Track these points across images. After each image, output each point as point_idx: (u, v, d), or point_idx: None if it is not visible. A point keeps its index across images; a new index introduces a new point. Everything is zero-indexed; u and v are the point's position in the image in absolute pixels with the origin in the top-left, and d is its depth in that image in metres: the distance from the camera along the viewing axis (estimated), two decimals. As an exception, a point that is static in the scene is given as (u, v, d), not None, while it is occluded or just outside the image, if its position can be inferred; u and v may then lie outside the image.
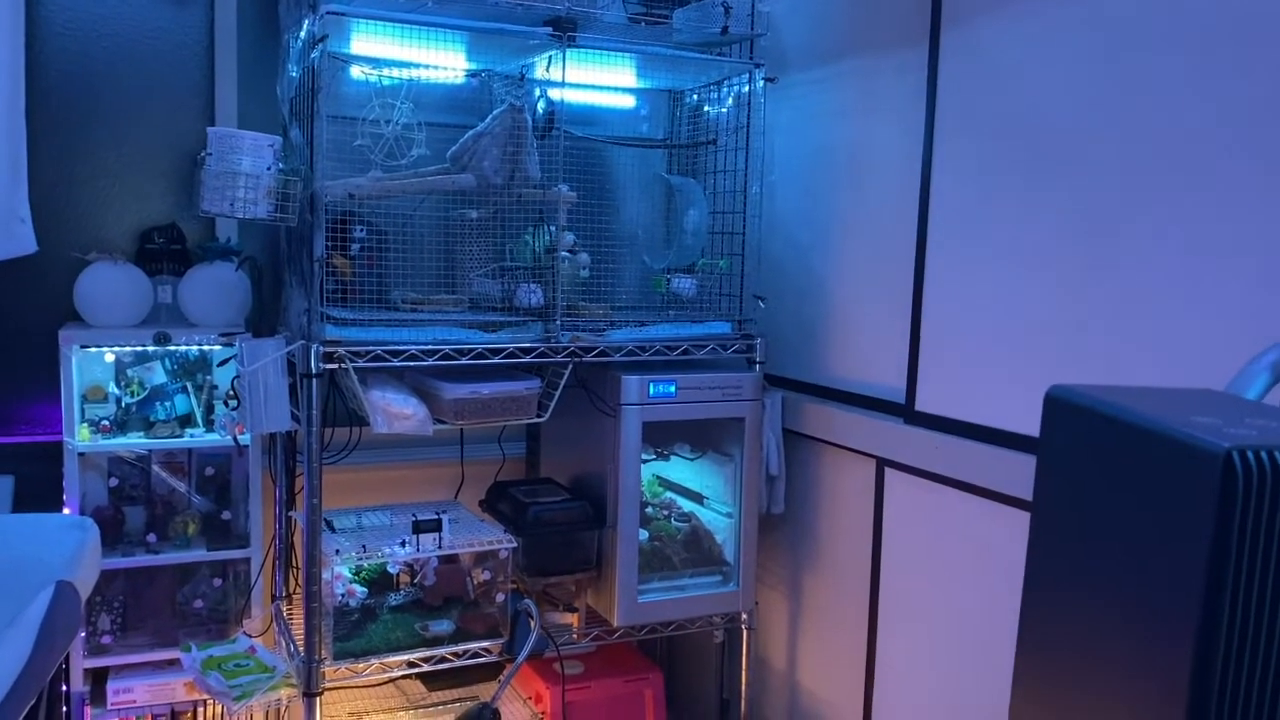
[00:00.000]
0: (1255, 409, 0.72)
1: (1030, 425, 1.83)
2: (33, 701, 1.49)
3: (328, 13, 1.95)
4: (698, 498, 2.52)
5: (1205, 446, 0.60)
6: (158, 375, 2.49)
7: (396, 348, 2.03)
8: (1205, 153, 1.52)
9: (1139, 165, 1.62)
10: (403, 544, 2.13)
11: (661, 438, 2.49)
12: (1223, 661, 0.59)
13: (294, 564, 2.57)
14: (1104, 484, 0.69)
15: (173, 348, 2.43)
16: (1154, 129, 1.60)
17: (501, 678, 2.42)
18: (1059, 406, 0.75)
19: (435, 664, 2.17)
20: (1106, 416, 0.69)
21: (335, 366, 2.00)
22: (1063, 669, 0.73)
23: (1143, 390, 0.76)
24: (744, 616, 2.42)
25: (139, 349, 2.44)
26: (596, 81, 2.54)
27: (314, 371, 1.98)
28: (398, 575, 2.19)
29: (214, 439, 2.45)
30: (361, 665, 2.10)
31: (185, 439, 2.44)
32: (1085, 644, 0.70)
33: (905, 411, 2.13)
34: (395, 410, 2.08)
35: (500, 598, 2.23)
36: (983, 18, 1.93)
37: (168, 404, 2.48)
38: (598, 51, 2.21)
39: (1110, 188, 1.67)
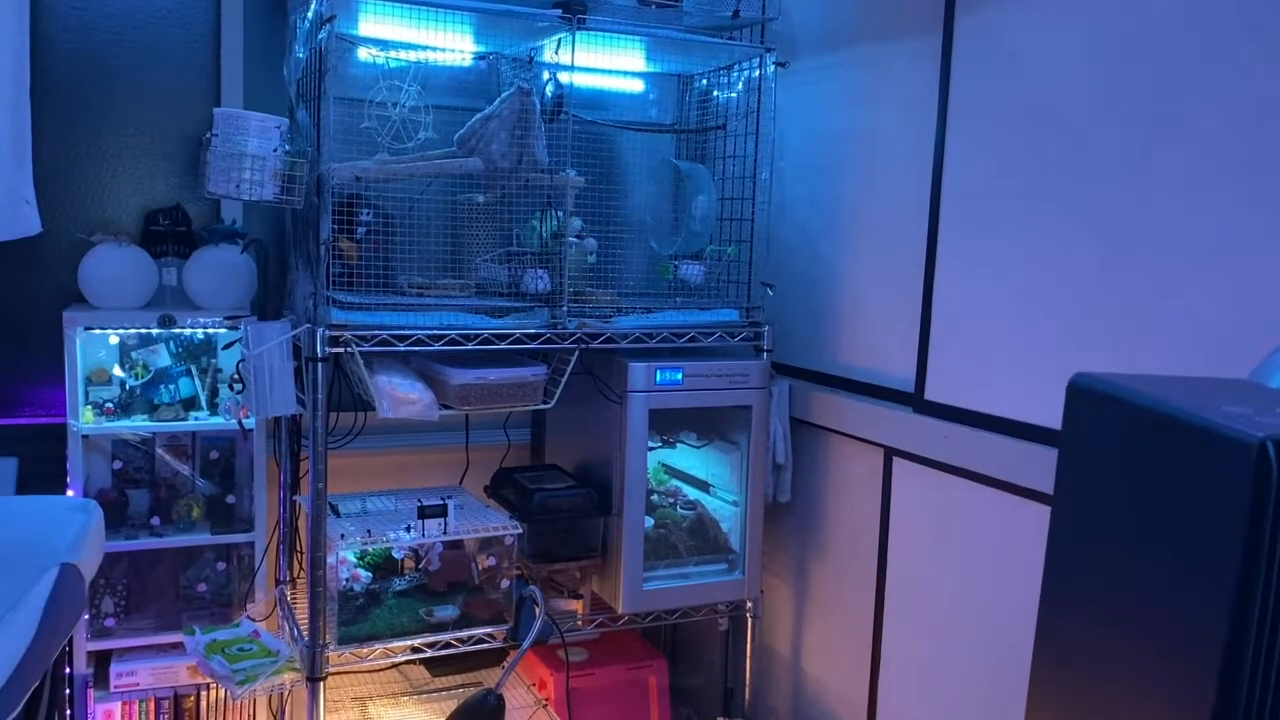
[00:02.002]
0: (1284, 399, 0.70)
1: (1041, 415, 1.81)
2: (36, 684, 1.48)
3: (335, -7, 1.93)
4: (704, 486, 2.51)
5: (1238, 436, 0.59)
6: (162, 358, 2.48)
7: (402, 332, 2.02)
8: (1222, 141, 1.50)
9: (1154, 153, 1.60)
10: (408, 529, 2.12)
11: (668, 425, 2.47)
12: (1254, 656, 0.58)
13: (298, 548, 2.56)
14: (1129, 474, 0.68)
15: (177, 330, 2.41)
16: (1170, 118, 1.58)
17: (506, 664, 2.42)
18: (1083, 395, 0.73)
19: (439, 650, 2.16)
20: (1133, 405, 0.68)
21: (341, 351, 1.99)
22: (1085, 663, 0.72)
23: (1168, 379, 0.74)
24: (749, 604, 2.41)
25: (143, 331, 2.43)
26: (605, 65, 2.52)
27: (319, 355, 1.97)
28: (402, 560, 2.18)
29: (218, 422, 2.44)
30: (365, 650, 2.10)
31: (189, 422, 2.43)
32: (1109, 637, 0.69)
33: (914, 400, 2.11)
34: (401, 395, 2.07)
35: (505, 584, 2.23)
36: (997, 4, 1.90)
37: (172, 387, 2.47)
38: (607, 34, 2.19)
39: (1125, 176, 1.65)
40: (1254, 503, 0.57)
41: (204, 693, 2.44)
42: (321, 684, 2.06)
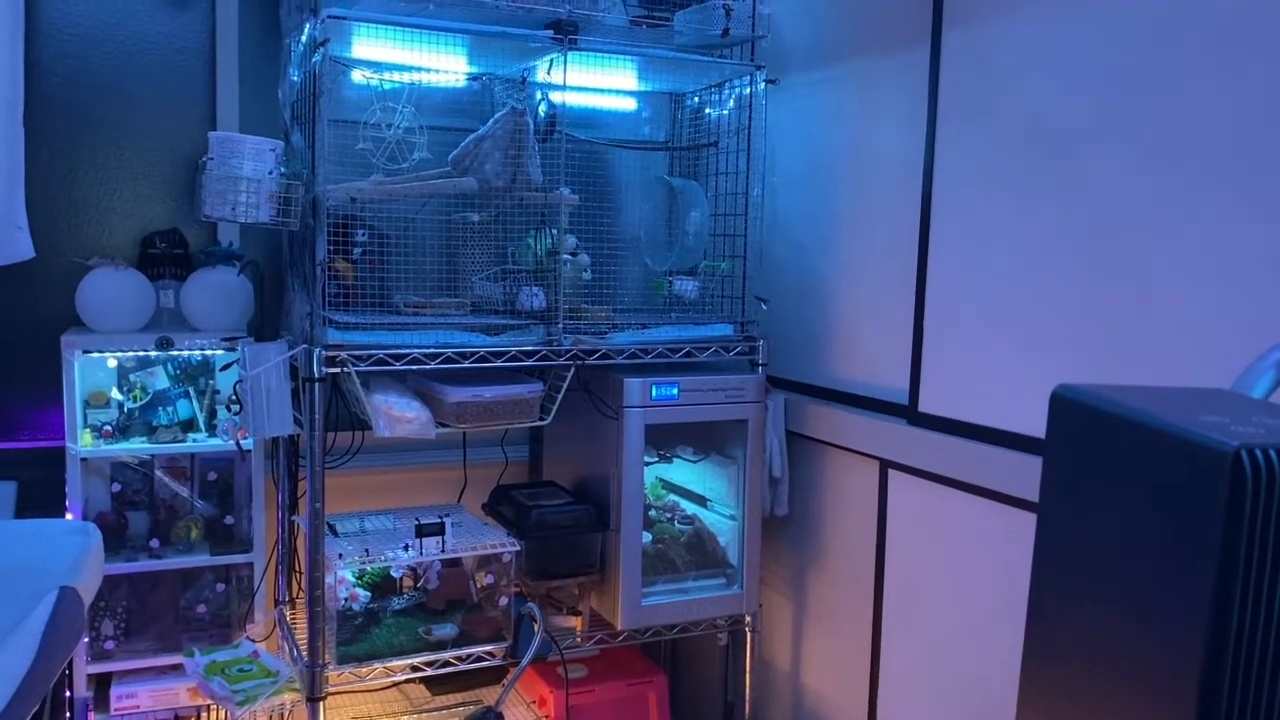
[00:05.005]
0: (1262, 407, 0.72)
1: (1033, 426, 1.82)
2: (36, 707, 1.49)
3: (329, 17, 1.95)
4: (701, 500, 2.51)
5: (1214, 445, 0.60)
6: (160, 380, 2.49)
7: (399, 351, 2.03)
8: (1208, 151, 1.52)
9: (1141, 164, 1.62)
10: (405, 548, 2.12)
11: (664, 440, 2.48)
12: (1233, 661, 0.59)
13: (297, 568, 2.57)
14: (1111, 484, 0.69)
15: (175, 352, 2.43)
16: (1156, 128, 1.60)
17: (505, 682, 2.42)
18: (1065, 406, 0.74)
19: (439, 668, 2.16)
20: (1113, 416, 0.69)
21: (337, 370, 2.00)
22: (1070, 671, 0.73)
23: (1149, 389, 0.75)
24: (748, 619, 2.41)
25: (141, 354, 2.44)
26: (598, 84, 2.54)
27: (316, 375, 1.98)
28: (401, 579, 2.18)
29: (216, 444, 2.45)
30: (365, 670, 2.10)
31: (188, 444, 2.43)
32: (1093, 645, 0.70)
33: (908, 412, 2.13)
34: (397, 414, 2.08)
35: (503, 601, 2.23)
36: (984, 18, 1.92)
37: (170, 409, 2.48)
38: (599, 54, 2.21)
39: (1113, 187, 1.67)
40: (1229, 510, 0.58)
41: (204, 714, 2.44)
42: (321, 704, 2.06)
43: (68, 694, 2.31)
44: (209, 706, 2.44)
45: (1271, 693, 0.59)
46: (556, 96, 2.21)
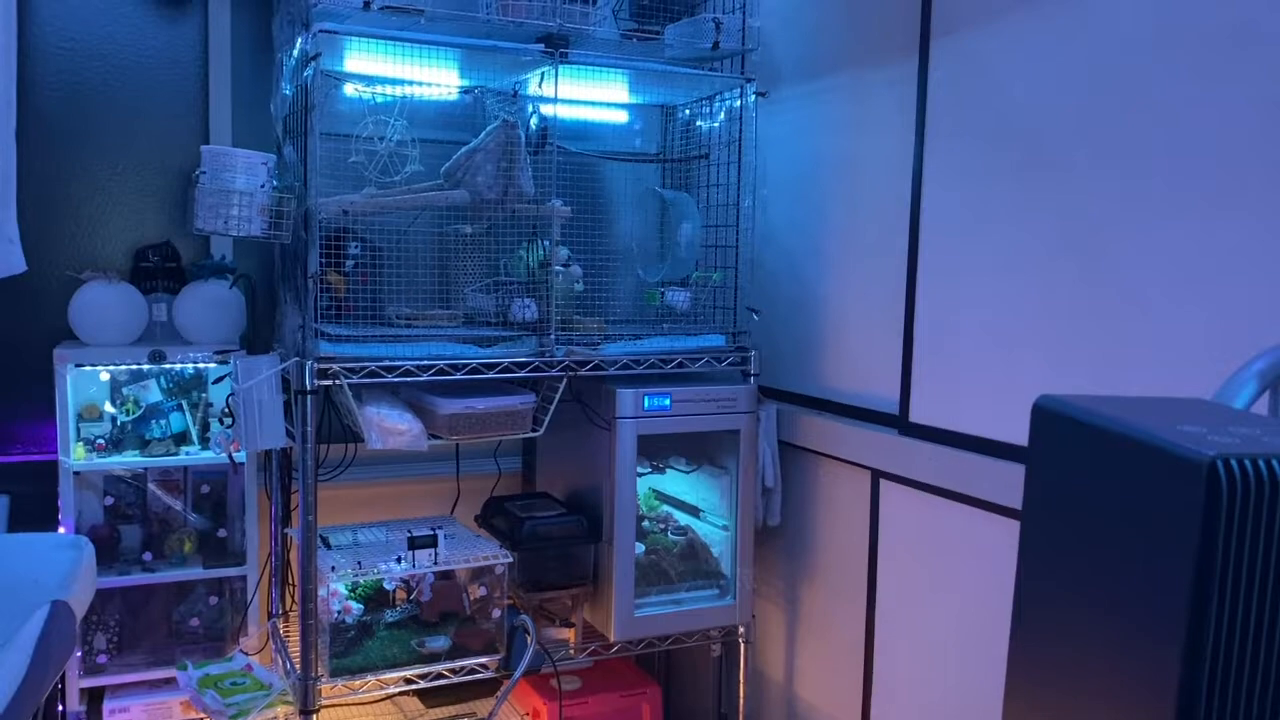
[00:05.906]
0: (1241, 417, 0.72)
1: (1024, 436, 1.83)
2: (28, 722, 1.48)
3: (321, 31, 1.96)
4: (694, 511, 2.52)
5: (1190, 455, 0.61)
6: (153, 393, 2.49)
7: (391, 364, 2.04)
8: (1192, 161, 1.53)
9: (1128, 174, 1.63)
10: (399, 560, 2.12)
11: (657, 451, 2.49)
12: (1210, 669, 0.59)
13: (290, 581, 2.56)
14: (1091, 493, 0.70)
15: (168, 365, 2.43)
16: (1142, 137, 1.61)
17: (498, 694, 2.41)
18: (1046, 417, 0.75)
19: (432, 680, 2.16)
20: (1092, 426, 0.70)
21: (330, 383, 2.00)
22: (1054, 677, 0.74)
23: (1129, 400, 0.76)
24: (741, 629, 2.42)
25: (134, 367, 2.44)
26: (589, 97, 2.55)
27: (309, 388, 1.98)
28: (394, 592, 2.18)
29: (209, 456, 2.45)
30: (358, 682, 2.10)
31: (181, 457, 2.43)
32: (1075, 652, 0.71)
33: (899, 422, 2.13)
34: (390, 426, 2.08)
35: (496, 613, 2.23)
36: (971, 29, 1.94)
37: (163, 422, 2.47)
38: (590, 67, 2.22)
39: (1100, 196, 1.68)
40: (1205, 519, 0.59)
41: (197, 728, 2.44)
42: (314, 717, 2.06)
43: (60, 708, 2.30)
44: (202, 720, 2.44)
45: (1248, 700, 0.60)
46: (548, 109, 2.22)
